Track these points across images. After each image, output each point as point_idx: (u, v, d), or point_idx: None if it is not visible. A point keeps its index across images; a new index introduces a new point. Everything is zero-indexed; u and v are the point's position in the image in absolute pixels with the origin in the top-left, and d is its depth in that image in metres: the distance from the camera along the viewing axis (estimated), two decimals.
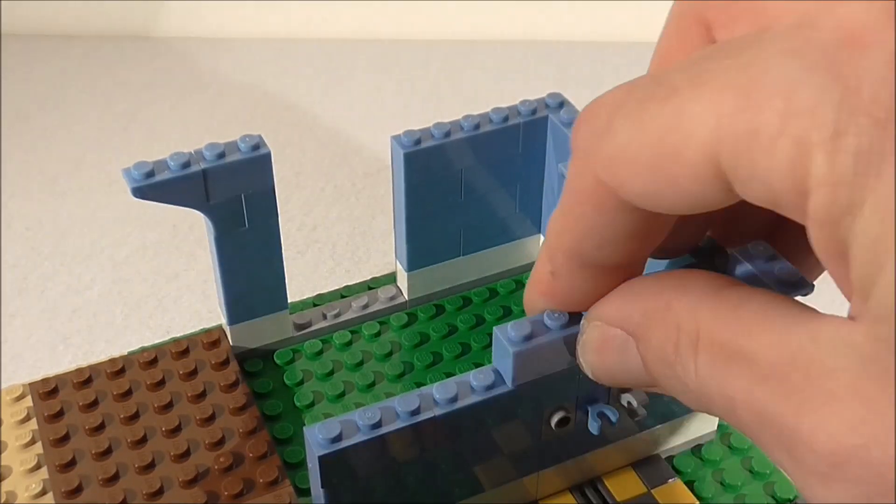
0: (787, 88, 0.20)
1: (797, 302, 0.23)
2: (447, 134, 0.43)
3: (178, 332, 0.47)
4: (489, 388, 0.33)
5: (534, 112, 0.44)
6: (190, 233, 0.54)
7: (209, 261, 0.52)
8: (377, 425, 0.32)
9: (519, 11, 0.72)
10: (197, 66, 0.70)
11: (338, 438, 0.32)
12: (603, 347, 0.28)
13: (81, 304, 0.50)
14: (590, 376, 0.29)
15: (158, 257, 0.53)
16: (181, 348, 0.44)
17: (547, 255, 0.28)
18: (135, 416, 0.41)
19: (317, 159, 0.59)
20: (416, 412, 0.33)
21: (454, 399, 0.33)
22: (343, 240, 0.54)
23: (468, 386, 0.33)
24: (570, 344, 0.33)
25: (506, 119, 0.43)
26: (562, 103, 0.44)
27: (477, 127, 0.43)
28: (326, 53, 0.72)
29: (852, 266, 0.20)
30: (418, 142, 0.42)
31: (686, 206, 0.23)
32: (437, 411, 0.33)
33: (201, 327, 0.47)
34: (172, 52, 0.72)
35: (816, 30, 0.20)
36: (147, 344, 0.46)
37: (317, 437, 0.32)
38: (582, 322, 0.29)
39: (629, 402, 0.36)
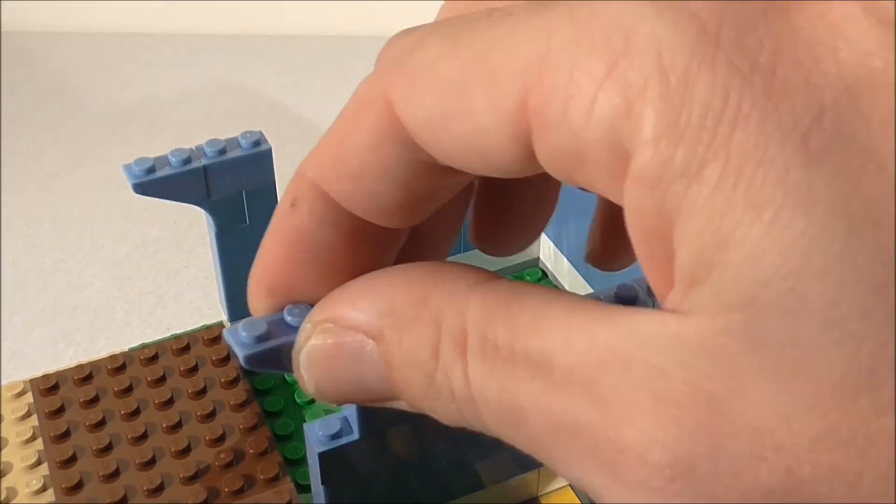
0: (632, 23, 0.16)
1: (589, 299, 0.18)
2: None
3: (179, 329, 0.47)
4: None
5: None
6: (190, 229, 0.54)
7: (209, 257, 0.52)
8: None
9: None
10: (197, 64, 0.70)
11: (338, 435, 0.32)
12: (333, 356, 0.21)
13: (82, 301, 0.50)
14: (311, 393, 0.23)
15: (159, 254, 0.53)
16: (182, 345, 0.44)
17: (293, 185, 0.22)
18: (135, 413, 0.41)
19: None
20: None
21: None
22: None
23: None
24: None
25: None
26: None
27: None
28: (326, 51, 0.72)
29: (678, 247, 0.16)
30: None
31: (473, 155, 0.19)
32: None
33: (202, 324, 0.47)
34: (172, 49, 0.72)
35: None
36: (147, 340, 0.46)
37: (317, 434, 0.32)
38: (303, 326, 0.22)
39: None
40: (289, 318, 0.27)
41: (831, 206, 0.15)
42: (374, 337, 0.21)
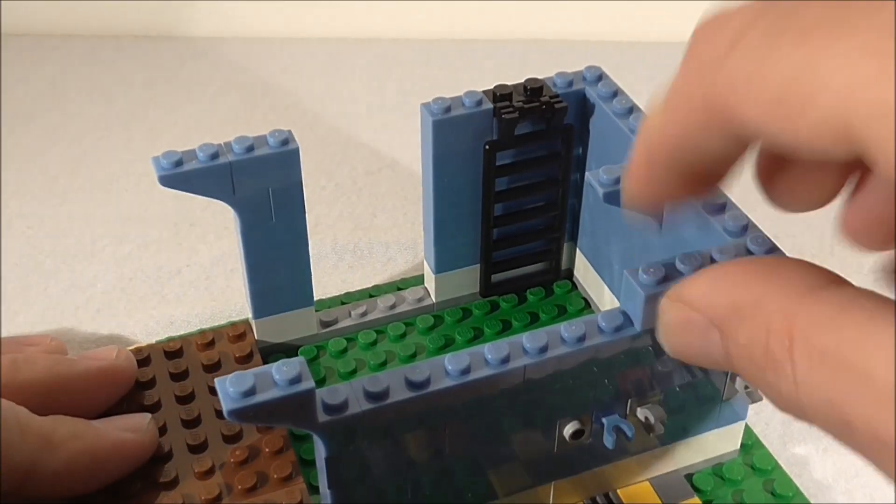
0: None
1: None
2: (478, 100, 0.42)
3: (181, 328, 0.47)
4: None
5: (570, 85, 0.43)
6: (191, 230, 0.54)
7: (211, 257, 0.52)
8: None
9: (519, 10, 0.72)
10: (197, 65, 0.70)
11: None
12: (685, 331, 0.26)
13: (83, 303, 0.50)
14: (671, 355, 0.28)
15: (160, 254, 0.53)
16: (207, 340, 0.44)
17: (644, 146, 0.26)
18: (156, 406, 0.41)
19: (317, 158, 0.59)
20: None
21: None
22: (344, 237, 0.54)
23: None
24: None
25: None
26: (600, 76, 0.43)
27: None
28: (327, 52, 0.72)
29: None
30: (448, 109, 0.41)
31: (803, 152, 0.22)
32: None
33: (202, 324, 0.47)
34: (172, 51, 0.71)
35: None
36: (151, 341, 0.45)
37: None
38: (662, 301, 0.27)
39: (646, 418, 0.35)
40: (276, 376, 0.28)
41: None
42: (718, 327, 0.25)
